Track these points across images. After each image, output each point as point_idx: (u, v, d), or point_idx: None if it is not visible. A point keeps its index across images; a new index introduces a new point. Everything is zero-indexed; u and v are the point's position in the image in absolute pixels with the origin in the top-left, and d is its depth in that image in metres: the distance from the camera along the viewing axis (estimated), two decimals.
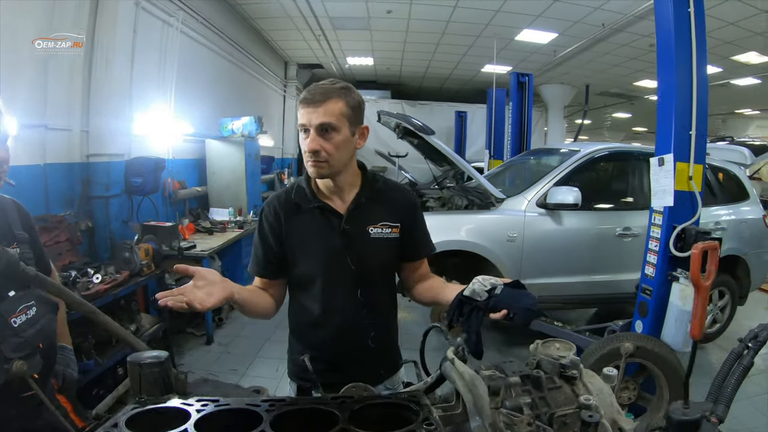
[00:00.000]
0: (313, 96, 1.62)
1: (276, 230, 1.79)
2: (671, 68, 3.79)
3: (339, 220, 1.76)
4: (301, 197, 1.79)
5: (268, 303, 1.84)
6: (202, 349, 5.16)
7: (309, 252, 1.78)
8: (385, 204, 1.84)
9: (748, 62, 10.15)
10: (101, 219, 4.75)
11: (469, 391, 0.98)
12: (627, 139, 25.86)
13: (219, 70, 8.18)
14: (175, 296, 1.36)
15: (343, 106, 1.65)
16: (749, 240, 5.68)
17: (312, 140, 1.62)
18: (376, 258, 1.82)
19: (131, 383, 1.12)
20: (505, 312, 1.53)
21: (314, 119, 1.61)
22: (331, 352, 1.83)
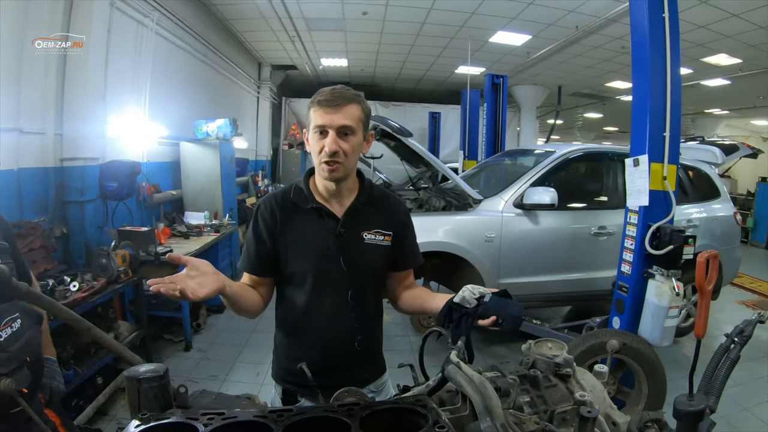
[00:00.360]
0: (335, 99, 1.66)
1: (271, 228, 1.81)
2: (646, 72, 3.88)
3: (335, 222, 1.80)
4: (299, 197, 1.83)
5: (256, 300, 1.84)
6: (181, 356, 5.09)
7: (302, 251, 1.80)
8: (380, 212, 1.90)
9: (718, 64, 10.38)
10: (76, 225, 4.65)
11: (478, 393, 0.99)
12: (598, 138, 26.30)
13: (193, 72, 8.07)
14: (167, 284, 1.34)
15: (360, 112, 1.72)
16: (721, 237, 5.85)
17: (332, 141, 1.65)
18: (369, 263, 1.85)
19: (129, 399, 1.09)
20: (493, 318, 1.55)
21: (336, 121, 1.65)
22: (317, 353, 1.82)
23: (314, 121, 1.68)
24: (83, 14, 4.61)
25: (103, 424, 3.78)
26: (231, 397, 1.28)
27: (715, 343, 4.75)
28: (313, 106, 1.70)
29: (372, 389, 1.99)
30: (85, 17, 4.63)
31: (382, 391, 2.05)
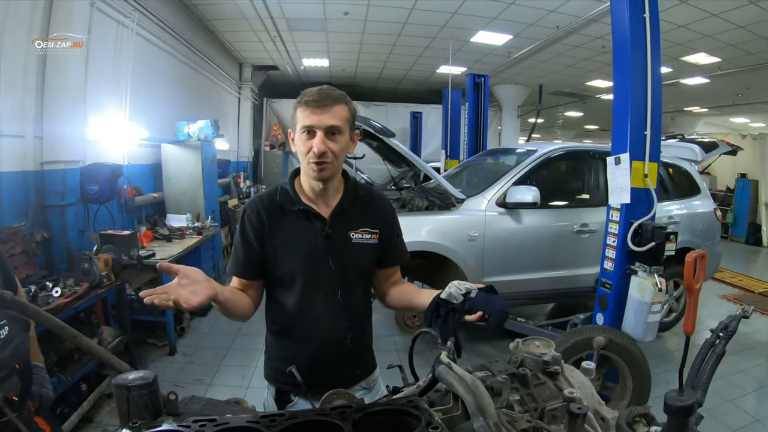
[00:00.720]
0: (323, 99, 1.67)
1: (258, 231, 1.81)
2: (627, 71, 3.93)
3: (323, 223, 1.82)
4: (286, 199, 1.83)
5: (247, 304, 1.85)
6: (166, 360, 5.04)
7: (291, 253, 1.81)
8: (367, 211, 1.91)
9: (697, 62, 10.54)
10: (57, 229, 4.58)
11: (470, 393, 1.00)
12: (578, 137, 26.53)
13: (174, 73, 7.99)
14: (159, 294, 1.33)
15: (347, 112, 1.74)
16: (701, 232, 5.94)
17: (321, 142, 1.66)
18: (357, 262, 1.88)
19: (118, 407, 1.07)
20: (480, 314, 1.58)
21: (324, 121, 1.66)
22: (310, 353, 1.85)
23: (302, 121, 1.68)
24: (63, 14, 4.55)
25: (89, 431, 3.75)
26: (221, 402, 1.27)
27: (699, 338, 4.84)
28: (300, 106, 1.70)
29: (364, 386, 2.02)
30: (65, 17, 4.57)
31: (373, 388, 2.06)
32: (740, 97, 13.79)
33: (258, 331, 1.99)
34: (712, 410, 4.33)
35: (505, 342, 5.72)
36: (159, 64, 7.29)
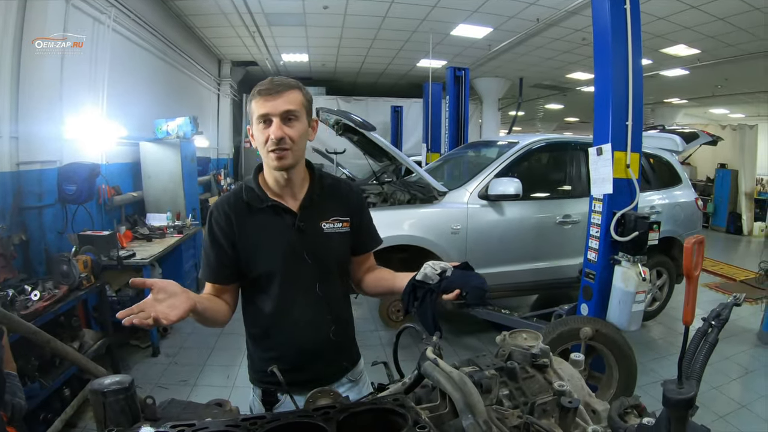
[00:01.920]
0: (275, 86, 1.65)
1: (228, 233, 1.76)
2: (608, 62, 3.95)
3: (293, 217, 1.79)
4: (252, 197, 1.79)
5: (224, 310, 1.81)
6: (149, 362, 4.97)
7: (265, 252, 1.77)
8: (335, 200, 1.89)
9: (677, 54, 10.63)
10: (35, 231, 4.48)
11: (458, 390, 0.97)
12: (559, 129, 26.71)
13: (152, 70, 7.88)
14: (137, 313, 1.29)
15: (302, 97, 1.71)
16: (683, 222, 6.01)
17: (277, 128, 1.63)
18: (332, 252, 1.85)
19: (95, 413, 1.03)
20: (457, 292, 1.60)
21: (279, 106, 1.63)
22: (294, 350, 1.82)
23: (256, 111, 1.66)
24: (38, 11, 4.44)
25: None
26: (201, 405, 1.23)
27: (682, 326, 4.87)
28: (253, 98, 1.68)
29: (350, 378, 2.00)
30: (40, 14, 4.46)
31: (360, 380, 2.05)
32: (720, 89, 13.96)
33: (241, 330, 1.95)
34: (699, 397, 4.32)
35: (490, 334, 5.76)
36: (137, 61, 7.17)
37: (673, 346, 5.60)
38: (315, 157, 8.93)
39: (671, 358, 5.24)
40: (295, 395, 1.62)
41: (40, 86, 4.54)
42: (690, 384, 0.94)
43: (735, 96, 14.65)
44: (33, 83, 4.46)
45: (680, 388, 0.92)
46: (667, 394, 0.92)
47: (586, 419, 1.17)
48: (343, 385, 1.97)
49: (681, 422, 0.92)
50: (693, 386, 0.93)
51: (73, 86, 5.10)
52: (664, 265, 5.97)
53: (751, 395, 4.51)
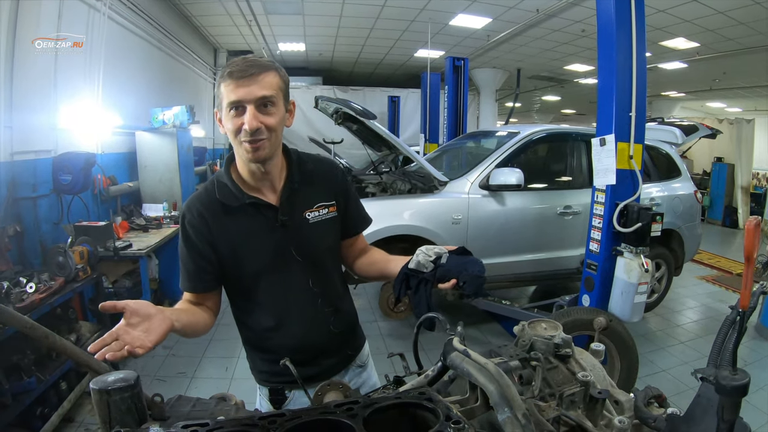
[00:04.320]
0: (247, 69, 1.45)
1: (205, 236, 1.61)
2: (612, 53, 3.93)
3: (274, 212, 1.64)
4: (226, 195, 1.62)
5: (206, 319, 1.67)
6: (146, 354, 4.87)
7: (249, 254, 1.64)
8: (317, 184, 1.74)
9: (676, 47, 10.60)
10: (30, 222, 4.39)
11: (494, 382, 0.92)
12: (555, 120, 26.71)
13: (148, 58, 7.78)
14: (111, 346, 1.15)
15: (279, 80, 1.53)
16: (682, 214, 5.99)
17: (252, 117, 1.45)
18: (321, 243, 1.73)
19: (99, 413, 0.94)
20: (454, 281, 1.49)
21: (254, 92, 1.45)
22: (295, 349, 1.67)
23: (227, 97, 1.46)
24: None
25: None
26: (211, 402, 1.17)
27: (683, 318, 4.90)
28: (223, 80, 1.47)
29: (358, 364, 1.93)
30: (35, 2, 4.37)
31: (366, 364, 1.99)
32: (717, 82, 13.96)
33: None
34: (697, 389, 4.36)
35: (491, 325, 5.74)
36: (132, 50, 7.08)
37: (672, 338, 5.61)
38: (311, 147, 8.88)
39: (670, 350, 5.26)
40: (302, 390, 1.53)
41: (34, 75, 4.44)
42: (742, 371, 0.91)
43: (733, 90, 14.67)
44: (27, 72, 4.36)
45: (734, 375, 0.89)
46: (722, 381, 0.89)
47: (610, 410, 1.13)
48: (351, 372, 1.91)
49: (735, 409, 0.89)
50: (746, 373, 0.90)
51: (67, 75, 5.00)
52: (662, 257, 5.96)
53: (750, 387, 4.50)
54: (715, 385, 0.90)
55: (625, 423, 1.00)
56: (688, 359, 5.03)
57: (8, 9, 4.16)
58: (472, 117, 15.22)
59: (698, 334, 5.71)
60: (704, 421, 0.92)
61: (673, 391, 4.06)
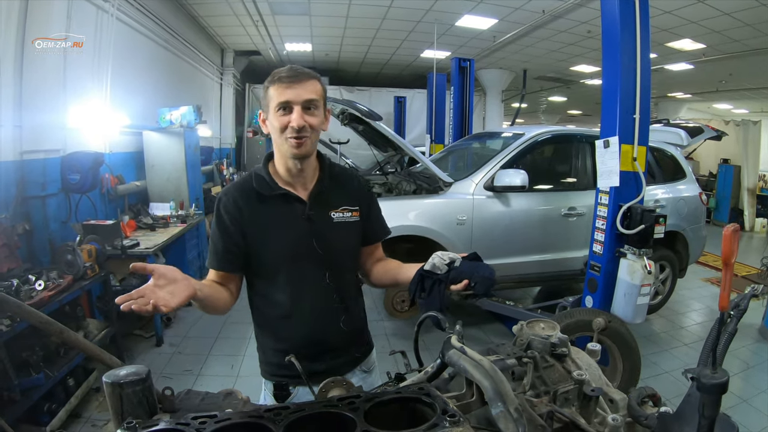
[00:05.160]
0: (296, 75, 1.65)
1: (237, 220, 1.76)
2: (616, 55, 3.94)
3: (303, 206, 1.79)
4: (262, 185, 1.79)
5: (226, 298, 1.78)
6: (153, 352, 4.98)
7: (275, 241, 1.77)
8: (344, 189, 1.90)
9: (682, 49, 10.54)
10: (39, 221, 4.44)
11: (488, 378, 0.96)
12: (561, 121, 26.63)
13: (156, 59, 7.83)
14: (136, 299, 1.26)
15: (320, 88, 1.72)
16: (687, 216, 5.99)
17: (299, 116, 1.64)
18: (341, 242, 1.85)
19: (111, 406, 1.00)
20: (466, 282, 1.60)
21: (302, 95, 1.64)
22: (305, 340, 1.81)
23: (276, 98, 1.65)
24: None
25: (78, 427, 3.68)
26: (219, 395, 1.21)
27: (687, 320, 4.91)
28: (272, 84, 1.67)
29: (364, 369, 2.01)
30: (44, 3, 4.41)
31: (372, 371, 2.07)
32: (724, 84, 13.90)
33: (245, 319, 1.95)
34: None
35: (493, 325, 5.76)
36: (140, 50, 7.12)
37: (675, 339, 5.62)
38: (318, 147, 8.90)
39: (673, 352, 5.26)
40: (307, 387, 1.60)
41: (43, 75, 4.48)
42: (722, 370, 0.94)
43: (739, 91, 14.60)
44: (36, 72, 4.40)
45: (714, 373, 0.92)
46: (702, 379, 0.92)
47: (604, 408, 1.17)
48: (356, 375, 1.97)
49: (714, 406, 0.92)
50: (725, 372, 0.93)
51: (76, 75, 5.05)
52: (667, 259, 5.96)
53: (752, 390, 4.51)
54: (696, 383, 0.94)
55: (618, 421, 1.03)
56: (691, 361, 5.03)
57: (17, 9, 4.21)
58: (478, 118, 15.22)
59: (702, 337, 5.69)
60: (694, 419, 0.94)
61: (675, 393, 4.07)
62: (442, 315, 1.44)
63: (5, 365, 3.14)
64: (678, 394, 3.97)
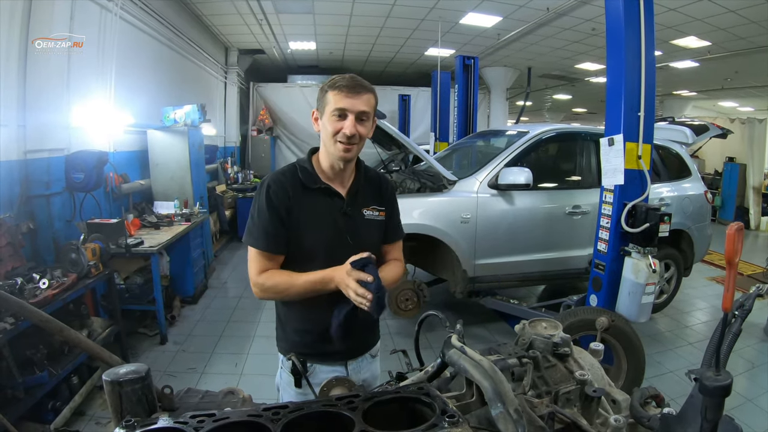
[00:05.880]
0: (356, 86, 1.80)
1: (286, 204, 1.89)
2: (620, 52, 3.93)
3: (342, 201, 1.95)
4: (307, 177, 1.93)
5: None
6: (157, 350, 4.99)
7: (315, 229, 1.92)
8: (375, 190, 2.07)
9: (687, 46, 10.48)
10: (43, 219, 4.46)
11: (488, 378, 0.95)
12: (566, 119, 26.58)
13: (159, 58, 7.83)
14: None
15: (374, 101, 1.88)
16: (692, 215, 5.96)
17: (352, 125, 1.78)
18: (370, 236, 2.01)
19: (111, 404, 1.00)
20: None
21: (357, 106, 1.79)
22: (327, 323, 1.89)
23: (334, 104, 1.78)
24: None
25: (82, 425, 3.69)
26: (219, 394, 1.21)
27: (692, 319, 4.88)
28: (331, 90, 1.80)
29: (372, 354, 2.17)
30: (47, 2, 4.41)
31: (377, 355, 2.22)
32: (729, 81, 13.81)
33: (249, 318, 1.99)
34: None
35: (497, 324, 5.74)
36: (144, 49, 7.13)
37: (680, 339, 5.59)
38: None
39: (678, 351, 5.24)
40: (323, 365, 1.97)
41: (48, 74, 4.50)
42: (726, 372, 0.92)
43: (744, 89, 14.52)
44: (40, 71, 4.42)
45: (717, 376, 0.91)
46: (705, 382, 0.91)
47: (607, 409, 1.16)
48: (365, 359, 2.13)
49: (717, 409, 0.91)
50: (729, 374, 0.92)
51: (80, 74, 5.06)
52: (672, 258, 5.93)
53: (757, 390, 4.49)
54: (698, 386, 0.92)
55: (620, 421, 1.02)
56: (696, 361, 5.00)
57: (21, 9, 4.22)
58: (482, 116, 15.17)
59: (707, 336, 5.66)
60: (697, 422, 0.93)
61: (680, 393, 4.05)
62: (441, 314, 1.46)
63: (9, 363, 3.15)
64: (683, 394, 3.95)
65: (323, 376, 1.92)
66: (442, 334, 1.25)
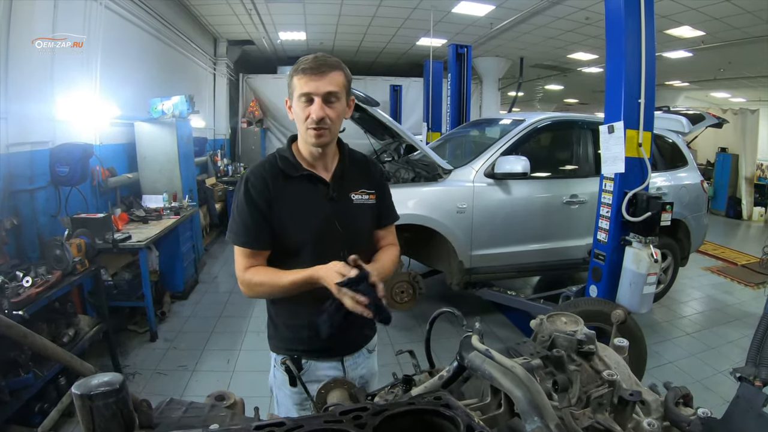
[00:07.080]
0: (319, 66, 1.70)
1: (266, 197, 1.81)
2: (621, 37, 3.87)
3: (326, 187, 1.87)
4: (287, 166, 1.85)
5: None
6: (147, 347, 4.87)
7: (300, 219, 1.84)
8: (362, 173, 1.99)
9: (681, 36, 10.37)
10: (27, 215, 4.30)
11: (521, 387, 0.83)
12: (558, 110, 26.50)
13: (147, 48, 7.65)
14: None
15: (343, 78, 1.77)
16: (689, 204, 5.91)
17: (319, 108, 1.69)
18: (360, 222, 1.94)
19: (82, 421, 0.84)
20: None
21: (322, 88, 1.69)
22: (317, 316, 1.78)
23: (299, 89, 1.71)
24: None
25: (71, 427, 3.58)
26: (205, 406, 1.08)
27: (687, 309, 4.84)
28: (296, 74, 1.72)
29: (369, 348, 2.11)
30: None
31: (375, 349, 2.16)
32: (722, 72, 13.75)
33: (240, 313, 1.89)
34: (705, 381, 4.35)
35: (494, 316, 5.67)
36: (130, 39, 6.96)
37: (677, 329, 5.56)
38: None
39: (676, 341, 5.21)
40: (318, 361, 1.92)
41: (31, 66, 4.34)
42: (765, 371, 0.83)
43: (737, 80, 14.45)
44: (23, 63, 4.25)
45: None
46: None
47: (637, 411, 1.05)
48: (362, 355, 2.06)
49: None
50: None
51: (64, 65, 4.88)
52: (669, 247, 5.88)
53: None
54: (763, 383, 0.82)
55: (654, 426, 0.93)
56: (695, 351, 4.98)
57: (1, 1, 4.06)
58: (474, 106, 15.08)
59: (704, 326, 5.65)
60: (745, 424, 0.84)
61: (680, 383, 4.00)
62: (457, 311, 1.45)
63: None
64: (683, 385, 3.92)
65: (319, 372, 1.90)
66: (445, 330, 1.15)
